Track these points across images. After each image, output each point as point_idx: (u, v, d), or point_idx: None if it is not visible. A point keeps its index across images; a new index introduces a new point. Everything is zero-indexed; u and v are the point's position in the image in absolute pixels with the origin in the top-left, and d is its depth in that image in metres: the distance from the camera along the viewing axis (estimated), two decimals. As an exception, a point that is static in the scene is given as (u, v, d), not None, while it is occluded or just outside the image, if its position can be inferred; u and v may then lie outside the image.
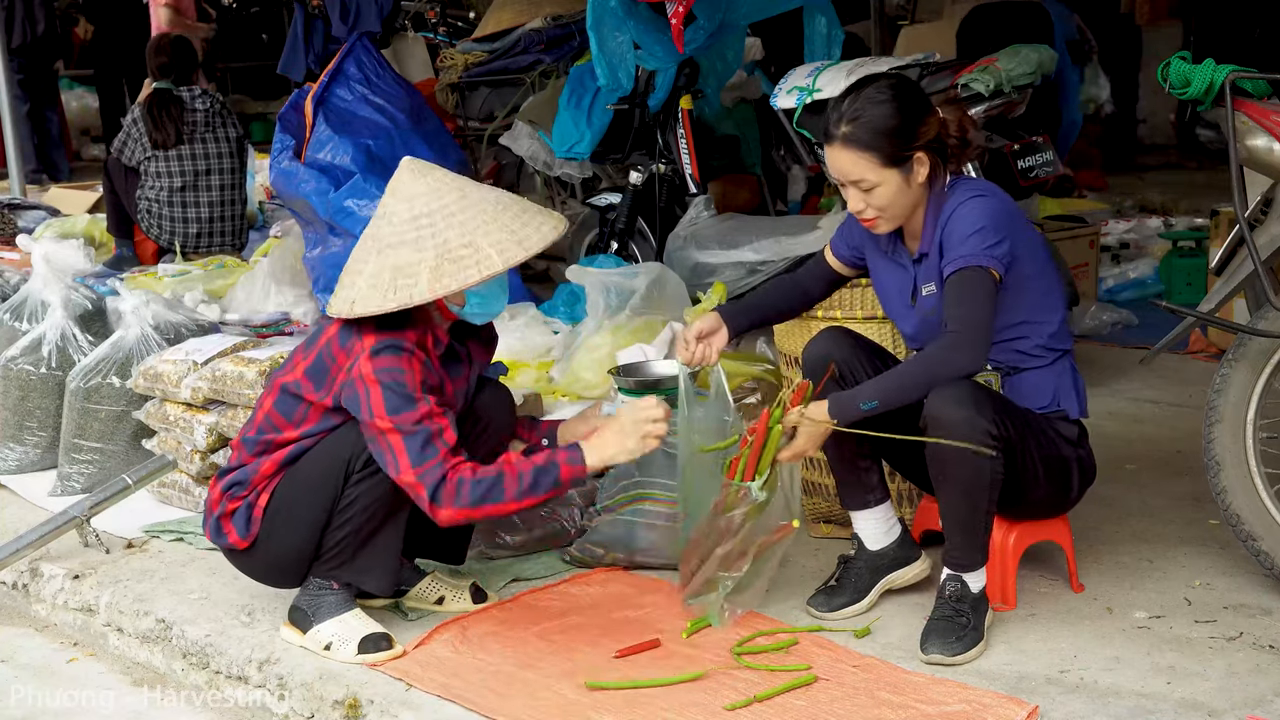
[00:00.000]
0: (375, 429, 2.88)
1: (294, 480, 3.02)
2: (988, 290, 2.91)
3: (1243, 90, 3.02)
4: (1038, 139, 5.01)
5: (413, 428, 2.86)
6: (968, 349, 2.88)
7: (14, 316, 4.70)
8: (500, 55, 7.37)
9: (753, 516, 3.05)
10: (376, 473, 2.94)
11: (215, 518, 3.08)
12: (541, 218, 3.02)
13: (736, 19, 5.51)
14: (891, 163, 2.97)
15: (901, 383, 2.94)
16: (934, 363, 2.91)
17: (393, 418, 2.86)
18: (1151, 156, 10.15)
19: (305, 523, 3.01)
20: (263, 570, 3.14)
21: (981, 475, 2.90)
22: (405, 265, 2.90)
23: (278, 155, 5.51)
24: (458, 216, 2.93)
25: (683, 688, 2.84)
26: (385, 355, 2.90)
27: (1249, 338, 3.16)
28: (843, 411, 2.93)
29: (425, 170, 3.03)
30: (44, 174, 10.73)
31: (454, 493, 2.85)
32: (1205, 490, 3.31)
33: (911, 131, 2.97)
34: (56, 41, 11.30)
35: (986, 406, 2.89)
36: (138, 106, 6.54)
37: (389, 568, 3.08)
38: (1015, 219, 3.02)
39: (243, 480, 3.06)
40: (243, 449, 3.09)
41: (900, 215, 3.05)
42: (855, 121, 2.97)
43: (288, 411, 3.03)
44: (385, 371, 2.88)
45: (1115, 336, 5.68)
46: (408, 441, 2.86)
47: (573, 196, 7.24)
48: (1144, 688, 2.79)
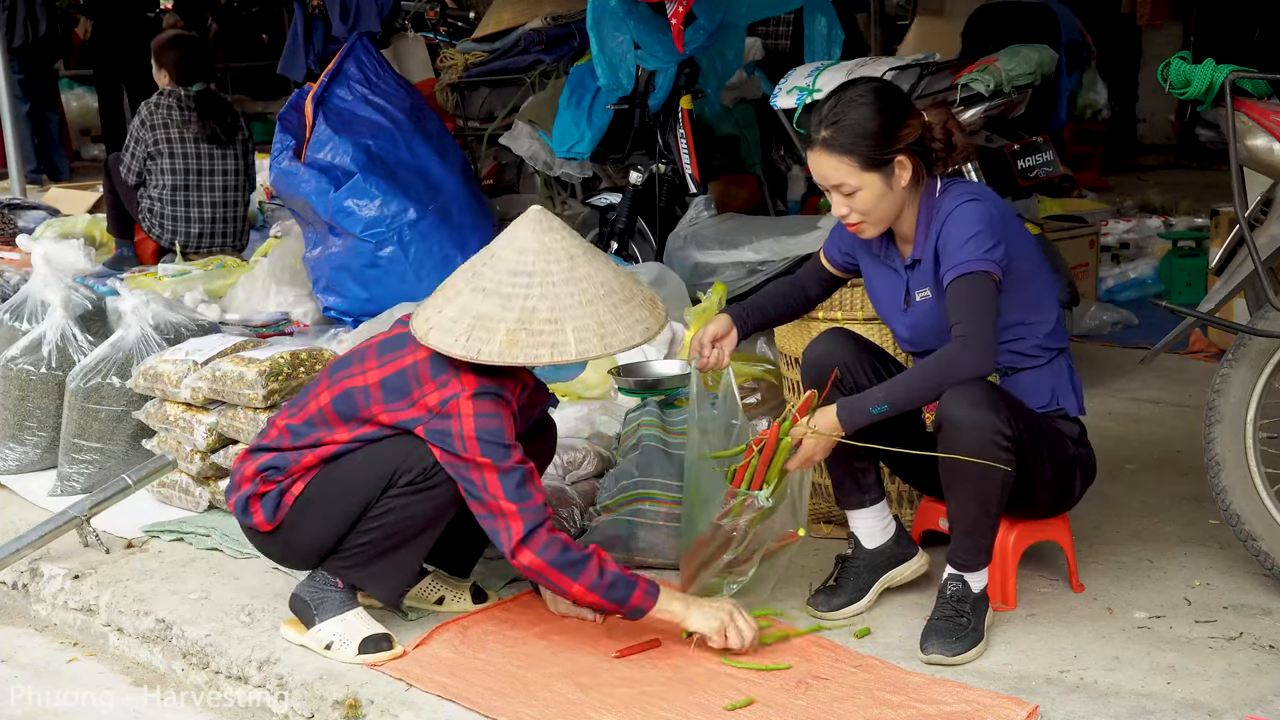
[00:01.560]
0: (470, 465, 2.90)
1: (333, 475, 3.00)
2: (989, 293, 2.92)
3: (1243, 90, 3.02)
4: (1038, 139, 5.01)
5: (509, 466, 2.88)
6: (976, 352, 2.88)
7: (14, 316, 4.70)
8: (500, 55, 7.37)
9: (757, 524, 3.06)
10: (419, 491, 2.94)
11: (245, 496, 3.06)
12: (639, 314, 2.99)
13: (736, 19, 5.51)
14: (872, 166, 2.96)
15: (911, 386, 2.94)
16: (944, 365, 2.91)
17: (487, 459, 2.88)
18: (1151, 156, 10.15)
19: (335, 519, 3.00)
20: (278, 553, 3.15)
21: (994, 479, 2.90)
22: (486, 317, 2.90)
23: (278, 155, 5.51)
24: (556, 288, 2.92)
25: (683, 687, 2.84)
26: (486, 401, 2.91)
27: (1249, 338, 3.16)
28: (851, 416, 2.93)
29: (548, 228, 2.99)
30: (44, 174, 10.73)
31: (545, 543, 2.88)
32: (1205, 490, 3.31)
33: (891, 134, 2.96)
34: (57, 41, 11.30)
35: (1002, 407, 2.89)
36: (144, 107, 6.53)
37: (401, 583, 3.10)
38: (1009, 221, 3.02)
39: (280, 466, 3.03)
40: (286, 435, 3.05)
41: (885, 219, 3.04)
42: (835, 125, 2.97)
43: (346, 414, 3.01)
44: (484, 417, 2.89)
45: (1115, 336, 5.68)
46: (503, 478, 2.88)
47: (573, 196, 7.23)
48: (1144, 688, 2.79)
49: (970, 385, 2.91)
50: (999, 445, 2.87)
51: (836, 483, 3.23)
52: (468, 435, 2.88)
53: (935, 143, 3.03)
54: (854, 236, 3.16)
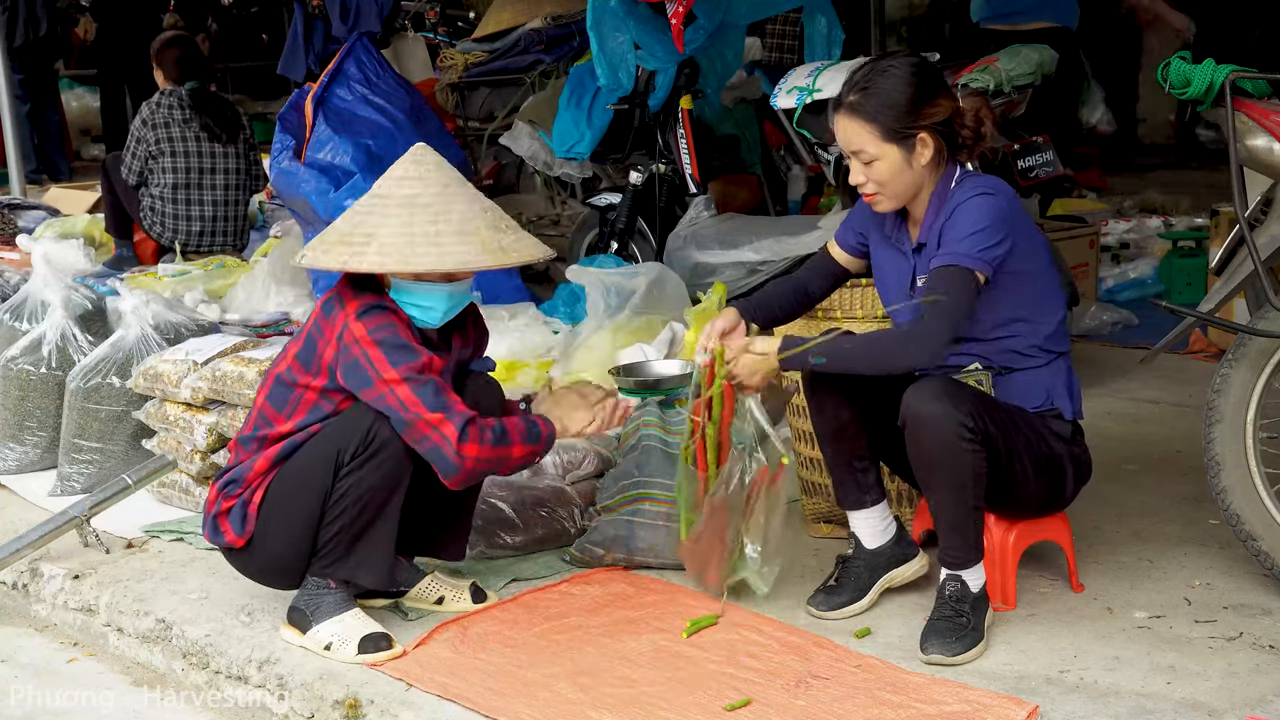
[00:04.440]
0: (382, 386, 2.91)
1: (286, 476, 3.03)
2: (969, 291, 2.91)
3: (1243, 90, 3.02)
4: (1038, 139, 5.02)
5: (420, 377, 2.91)
6: (928, 344, 2.88)
7: (14, 316, 4.70)
8: (500, 55, 7.38)
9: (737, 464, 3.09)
10: (366, 463, 2.96)
11: (212, 516, 3.10)
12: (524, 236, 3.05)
13: (736, 19, 5.51)
14: (893, 138, 2.96)
15: (855, 350, 2.95)
16: (892, 342, 2.93)
17: (398, 369, 2.90)
18: (1151, 156, 10.14)
19: (299, 518, 3.01)
20: (260, 569, 3.14)
21: (964, 470, 2.89)
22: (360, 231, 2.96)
23: (278, 155, 5.51)
24: (433, 207, 2.97)
25: (683, 687, 2.84)
26: (373, 314, 2.95)
27: (1249, 338, 3.16)
28: (792, 358, 2.98)
29: (424, 159, 3.05)
30: (44, 174, 10.73)
31: (480, 432, 2.93)
32: (1205, 490, 3.30)
33: (918, 109, 2.95)
34: (57, 41, 11.30)
35: (963, 401, 2.89)
36: (146, 106, 6.53)
37: (384, 560, 3.08)
38: (1019, 218, 3.01)
39: (237, 478, 3.07)
40: (240, 448, 3.11)
41: (900, 194, 3.03)
42: (863, 91, 2.97)
43: (279, 402, 3.06)
44: (378, 329, 2.93)
45: (1115, 336, 5.68)
46: (419, 391, 2.90)
47: (573, 196, 7.24)
48: (1144, 688, 2.79)
49: (931, 380, 2.92)
50: (962, 437, 2.86)
51: (838, 483, 3.23)
52: (368, 349, 2.92)
53: (965, 130, 3.02)
54: (870, 216, 3.16)
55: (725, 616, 3.16)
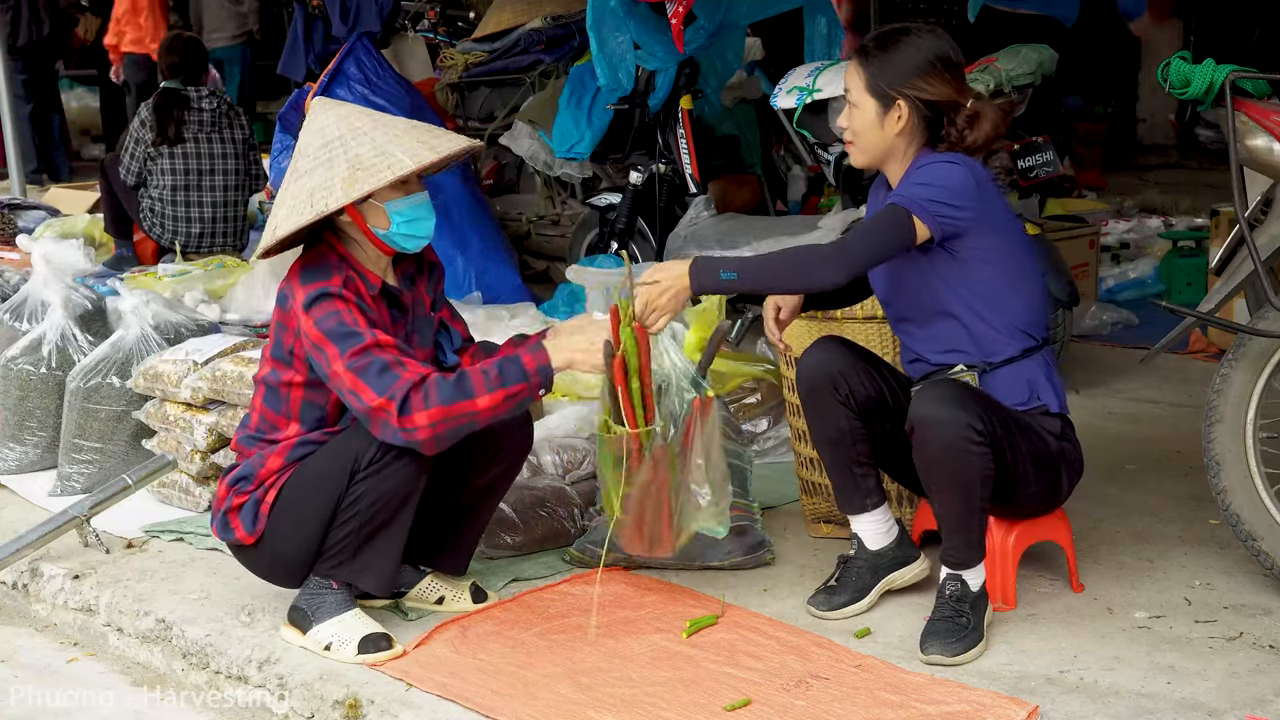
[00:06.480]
0: (335, 378, 2.92)
1: (301, 477, 3.02)
2: (901, 228, 2.89)
3: (1243, 90, 3.02)
4: (1038, 139, 5.02)
5: (365, 359, 2.88)
6: (837, 265, 2.87)
7: (14, 316, 4.70)
8: (500, 55, 7.37)
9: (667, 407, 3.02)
10: (382, 469, 2.95)
11: (222, 512, 3.09)
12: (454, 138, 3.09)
13: (736, 19, 5.52)
14: (874, 92, 3.00)
15: (766, 266, 2.91)
16: (804, 258, 2.90)
17: (344, 357, 2.90)
18: (1151, 156, 10.15)
19: (311, 519, 3.01)
20: (267, 566, 3.14)
21: (972, 473, 2.90)
22: (320, 185, 2.95)
23: (278, 155, 5.52)
24: (369, 134, 2.99)
25: (683, 687, 2.84)
26: (318, 305, 2.95)
27: (1249, 338, 3.16)
28: (701, 274, 2.89)
29: (335, 105, 3.09)
30: (44, 174, 10.73)
31: (422, 398, 2.86)
32: (1205, 490, 3.31)
33: (906, 78, 2.97)
34: (57, 41, 11.30)
35: (971, 404, 2.90)
36: (144, 107, 6.54)
37: (389, 567, 3.08)
38: (983, 193, 2.98)
39: (249, 475, 3.06)
40: (243, 448, 3.11)
41: (867, 150, 3.05)
42: (875, 40, 3.04)
43: (276, 405, 3.06)
44: (324, 319, 2.93)
45: (1115, 336, 5.68)
46: (364, 375, 2.88)
47: (573, 196, 7.24)
48: (1144, 688, 2.79)
49: (939, 385, 2.94)
50: (971, 440, 2.86)
51: (838, 488, 3.23)
52: (320, 342, 2.92)
53: (953, 128, 3.02)
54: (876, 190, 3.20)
55: (725, 616, 3.16)
